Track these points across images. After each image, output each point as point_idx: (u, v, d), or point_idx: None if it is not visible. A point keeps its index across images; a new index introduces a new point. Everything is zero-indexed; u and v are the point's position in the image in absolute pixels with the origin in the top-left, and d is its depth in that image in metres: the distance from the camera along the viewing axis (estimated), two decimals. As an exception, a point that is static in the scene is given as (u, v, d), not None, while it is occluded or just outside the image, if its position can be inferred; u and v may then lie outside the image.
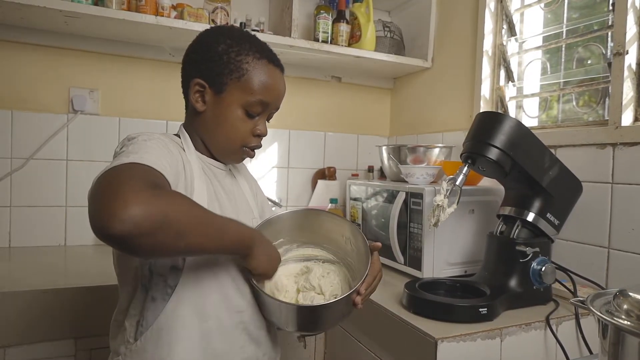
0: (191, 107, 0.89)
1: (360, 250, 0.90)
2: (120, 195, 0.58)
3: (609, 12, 1.35)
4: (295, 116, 2.10)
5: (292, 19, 1.74)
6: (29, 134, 1.65)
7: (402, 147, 1.65)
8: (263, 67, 0.88)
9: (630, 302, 0.62)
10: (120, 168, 0.64)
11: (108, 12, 1.46)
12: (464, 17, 1.79)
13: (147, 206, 0.58)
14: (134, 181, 0.61)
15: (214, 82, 0.86)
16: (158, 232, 0.59)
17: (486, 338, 0.99)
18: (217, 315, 0.82)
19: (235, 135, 0.89)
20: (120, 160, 0.67)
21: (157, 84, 1.82)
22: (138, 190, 0.59)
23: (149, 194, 0.60)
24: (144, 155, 0.69)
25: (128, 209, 0.56)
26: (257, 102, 0.88)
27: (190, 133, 0.91)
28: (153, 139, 0.76)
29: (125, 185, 0.60)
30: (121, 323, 0.83)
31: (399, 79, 2.26)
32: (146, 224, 0.57)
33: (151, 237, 0.59)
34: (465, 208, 1.37)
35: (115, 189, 0.59)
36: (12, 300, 1.13)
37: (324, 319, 0.85)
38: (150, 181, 0.64)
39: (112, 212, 0.56)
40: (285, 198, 2.09)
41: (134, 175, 0.63)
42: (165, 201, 0.62)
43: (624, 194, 1.20)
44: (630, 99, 1.23)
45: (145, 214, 0.57)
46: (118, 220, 0.56)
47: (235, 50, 0.86)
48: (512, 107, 1.67)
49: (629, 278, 1.16)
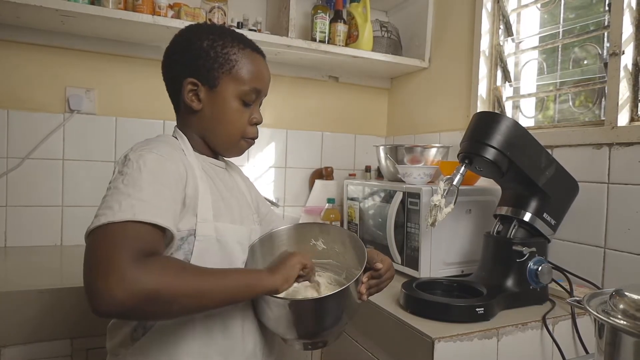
0: (185, 107, 0.89)
1: (358, 253, 0.91)
2: (106, 272, 0.60)
3: (605, 13, 1.35)
4: (293, 116, 2.10)
5: (290, 18, 1.74)
6: (25, 134, 1.64)
7: (400, 147, 1.65)
8: (249, 56, 0.90)
9: (627, 301, 0.63)
10: (115, 231, 0.65)
11: (105, 12, 1.46)
12: (461, 17, 1.79)
13: (132, 285, 0.60)
14: (125, 253, 0.62)
15: (207, 78, 0.86)
16: (147, 306, 0.63)
17: (483, 338, 0.99)
18: (220, 313, 0.82)
19: (235, 126, 0.90)
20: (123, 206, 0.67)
21: (154, 83, 1.80)
22: (126, 268, 0.61)
23: (136, 269, 0.61)
24: (137, 203, 0.68)
25: (112, 291, 0.59)
26: (251, 90, 0.89)
27: (187, 133, 0.90)
28: (150, 165, 0.74)
29: (115, 259, 0.61)
30: (121, 325, 0.83)
31: (396, 79, 2.26)
32: (134, 302, 0.60)
33: (142, 311, 0.64)
34: (462, 208, 1.37)
35: (105, 262, 0.61)
36: (8, 300, 1.13)
37: (321, 317, 0.82)
38: (142, 250, 0.65)
39: (99, 292, 0.60)
40: (282, 198, 2.09)
41: (125, 244, 0.64)
42: (151, 274, 0.63)
43: (620, 194, 1.20)
44: (626, 99, 1.24)
45: (130, 294, 0.60)
46: (104, 302, 0.59)
47: (220, 44, 0.87)
48: (509, 107, 1.67)
49: (625, 278, 1.17)
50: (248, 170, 2.00)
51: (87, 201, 1.73)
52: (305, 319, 0.82)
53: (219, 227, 0.83)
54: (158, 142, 0.81)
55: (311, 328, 0.84)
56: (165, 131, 1.84)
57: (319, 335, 0.87)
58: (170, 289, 0.64)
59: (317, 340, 0.89)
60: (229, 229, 0.85)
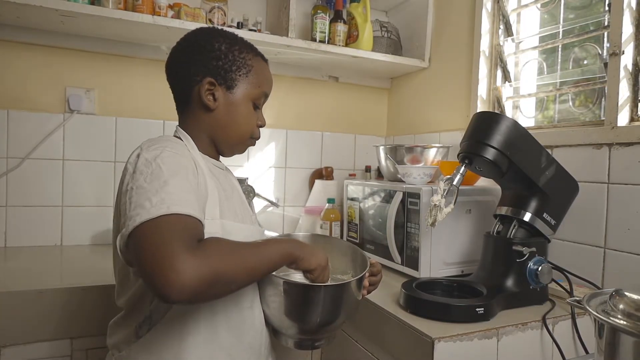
0: (200, 105, 0.90)
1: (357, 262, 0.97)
2: (170, 264, 0.61)
3: (605, 13, 1.35)
4: (293, 116, 2.10)
5: (290, 18, 1.74)
6: (25, 134, 1.64)
7: (399, 147, 1.65)
8: (260, 63, 0.96)
9: (626, 301, 0.63)
10: (158, 224, 0.65)
11: (104, 12, 1.46)
12: (461, 17, 1.79)
13: (197, 271, 0.62)
14: (178, 244, 0.63)
15: (224, 79, 0.90)
16: (211, 288, 0.65)
17: (483, 338, 0.99)
18: (224, 310, 0.84)
19: (246, 128, 0.95)
20: (154, 202, 0.67)
21: (153, 83, 1.82)
22: (185, 257, 0.62)
23: (194, 256, 0.63)
24: (172, 198, 0.69)
25: (182, 279, 0.60)
26: (263, 94, 0.96)
27: (194, 133, 0.91)
28: (168, 161, 0.75)
29: (171, 251, 0.62)
30: (125, 320, 0.84)
31: (396, 79, 2.26)
32: (202, 287, 0.63)
33: (207, 294, 0.66)
34: (462, 208, 1.37)
35: (163, 255, 0.62)
36: (8, 301, 1.13)
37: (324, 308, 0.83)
38: (191, 237, 0.66)
39: (169, 283, 0.60)
40: (282, 198, 2.09)
41: (174, 235, 0.65)
42: (210, 257, 0.65)
43: (620, 194, 1.20)
44: (626, 99, 1.24)
45: (198, 280, 0.62)
46: (176, 291, 0.60)
47: (237, 49, 0.92)
48: (509, 107, 1.67)
49: (625, 278, 1.17)
50: (248, 170, 2.00)
51: (87, 201, 1.73)
52: (310, 307, 0.83)
53: (226, 225, 0.84)
54: (167, 141, 0.82)
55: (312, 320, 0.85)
56: (165, 131, 1.84)
57: (317, 332, 0.88)
58: (230, 268, 0.67)
59: (313, 337, 0.90)
60: (235, 227, 0.86)
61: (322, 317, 0.84)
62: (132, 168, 0.75)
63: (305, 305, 0.83)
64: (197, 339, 0.81)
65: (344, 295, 0.85)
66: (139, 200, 0.68)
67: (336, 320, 0.87)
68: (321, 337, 0.91)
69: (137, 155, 0.77)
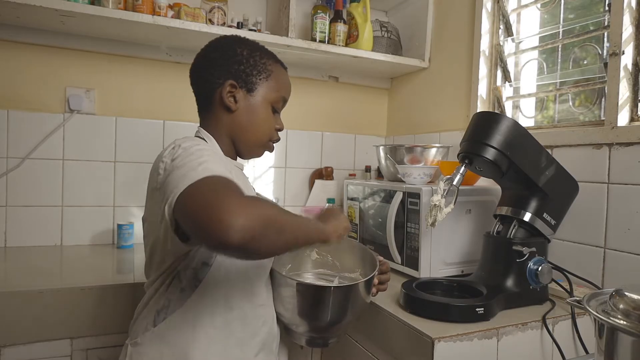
0: (220, 107, 0.94)
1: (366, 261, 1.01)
2: (227, 208, 0.62)
3: (605, 13, 1.35)
4: (293, 116, 2.10)
5: (290, 18, 1.74)
6: (25, 134, 1.64)
7: (399, 147, 1.65)
8: (280, 69, 1.02)
9: (626, 301, 0.63)
10: (210, 181, 0.68)
11: (104, 12, 1.46)
12: (461, 17, 1.79)
13: (252, 214, 0.63)
14: (230, 192, 0.65)
15: (245, 82, 0.94)
16: (265, 233, 0.65)
17: (483, 338, 0.99)
18: (240, 306, 0.87)
19: (265, 130, 0.99)
20: (198, 171, 0.69)
21: (153, 83, 1.82)
22: (239, 201, 0.63)
23: (247, 202, 0.64)
24: (209, 166, 0.71)
25: (240, 220, 0.61)
26: (281, 99, 1.02)
27: (216, 134, 0.95)
28: (203, 147, 0.79)
29: (227, 197, 0.64)
30: (144, 309, 0.87)
31: (396, 79, 2.26)
32: (257, 229, 0.63)
33: (262, 238, 0.65)
34: (462, 208, 1.37)
35: (220, 202, 0.63)
36: (8, 301, 1.13)
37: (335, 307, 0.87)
38: (240, 190, 0.68)
39: (227, 225, 0.60)
40: (282, 198, 2.08)
41: (226, 186, 0.67)
42: (259, 206, 0.66)
43: (620, 194, 1.20)
44: (626, 99, 1.24)
45: (253, 221, 0.62)
46: (234, 231, 0.60)
47: (258, 54, 0.96)
48: (509, 107, 1.67)
49: (625, 278, 1.17)
50: (248, 170, 2.00)
51: (87, 201, 1.73)
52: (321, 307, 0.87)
53: None
54: (197, 139, 0.86)
55: (323, 319, 0.89)
56: (165, 131, 1.84)
57: (327, 330, 0.92)
58: (279, 218, 0.68)
59: (324, 335, 0.93)
60: None
61: (333, 316, 0.88)
62: (170, 158, 0.77)
63: (317, 305, 0.87)
64: (210, 332, 0.83)
65: (353, 296, 0.89)
66: (182, 172, 0.70)
67: (346, 319, 0.91)
68: (332, 335, 0.94)
69: (172, 148, 0.79)
